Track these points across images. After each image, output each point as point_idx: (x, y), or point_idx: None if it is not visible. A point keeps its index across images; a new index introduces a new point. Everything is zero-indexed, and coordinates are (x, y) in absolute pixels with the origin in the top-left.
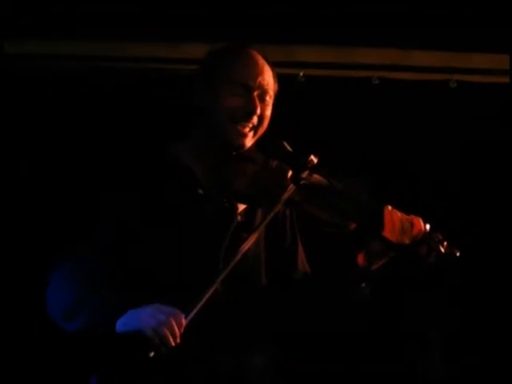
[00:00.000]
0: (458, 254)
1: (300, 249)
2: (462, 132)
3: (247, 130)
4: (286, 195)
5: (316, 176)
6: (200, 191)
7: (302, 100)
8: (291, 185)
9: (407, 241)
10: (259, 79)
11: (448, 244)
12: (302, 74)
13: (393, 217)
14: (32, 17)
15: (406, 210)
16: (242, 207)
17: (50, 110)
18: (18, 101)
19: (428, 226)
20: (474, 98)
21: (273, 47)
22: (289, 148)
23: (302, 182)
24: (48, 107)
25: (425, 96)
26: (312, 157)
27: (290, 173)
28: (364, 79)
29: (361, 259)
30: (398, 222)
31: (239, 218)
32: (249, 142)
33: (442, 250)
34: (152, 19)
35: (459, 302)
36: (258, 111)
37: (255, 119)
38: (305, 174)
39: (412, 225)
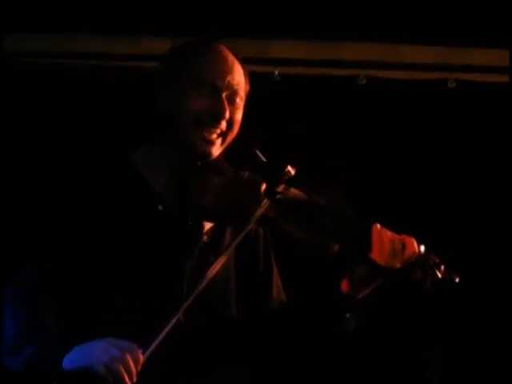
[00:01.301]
0: (457, 280)
1: (275, 274)
2: (461, 132)
3: (214, 136)
4: (259, 212)
5: (294, 190)
6: (160, 207)
7: (278, 102)
8: (265, 200)
9: (398, 264)
10: (228, 78)
11: (446, 268)
12: (277, 72)
13: (382, 237)
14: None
15: (405, 211)
16: (208, 225)
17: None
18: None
19: (423, 248)
20: (473, 97)
21: (244, 42)
22: (262, 158)
23: (277, 197)
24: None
25: (419, 97)
26: (289, 168)
27: (263, 186)
28: (349, 78)
29: (345, 286)
30: (388, 243)
31: (205, 237)
32: (216, 150)
33: (439, 274)
34: (111, 12)
35: (458, 321)
36: (227, 115)
37: (224, 124)
38: (281, 188)
39: (404, 246)
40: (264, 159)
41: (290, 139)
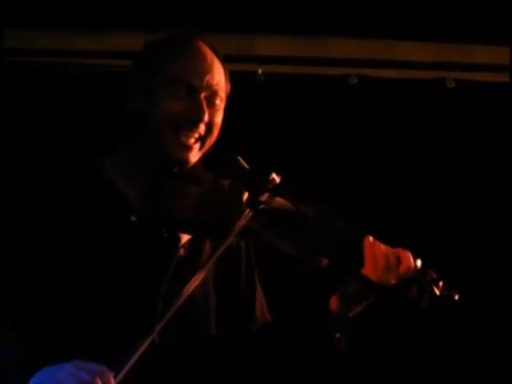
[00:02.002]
0: (456, 298)
1: (258, 291)
2: (460, 132)
3: (192, 141)
4: (240, 223)
5: (278, 199)
6: (132, 218)
7: (261, 103)
8: (247, 210)
9: (393, 280)
10: (207, 78)
11: (444, 284)
12: (260, 70)
13: (375, 250)
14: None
15: (403, 213)
16: (185, 238)
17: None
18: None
19: (419, 262)
20: (472, 97)
21: (225, 37)
22: (244, 164)
23: (260, 207)
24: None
25: (416, 98)
26: (274, 175)
27: (245, 195)
28: (339, 78)
29: (334, 303)
30: (382, 257)
31: (182, 251)
32: (194, 156)
33: (437, 291)
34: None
35: (456, 331)
36: (206, 118)
37: (202, 128)
38: (264, 197)
39: (399, 260)
40: (246, 166)
41: (274, 143)
